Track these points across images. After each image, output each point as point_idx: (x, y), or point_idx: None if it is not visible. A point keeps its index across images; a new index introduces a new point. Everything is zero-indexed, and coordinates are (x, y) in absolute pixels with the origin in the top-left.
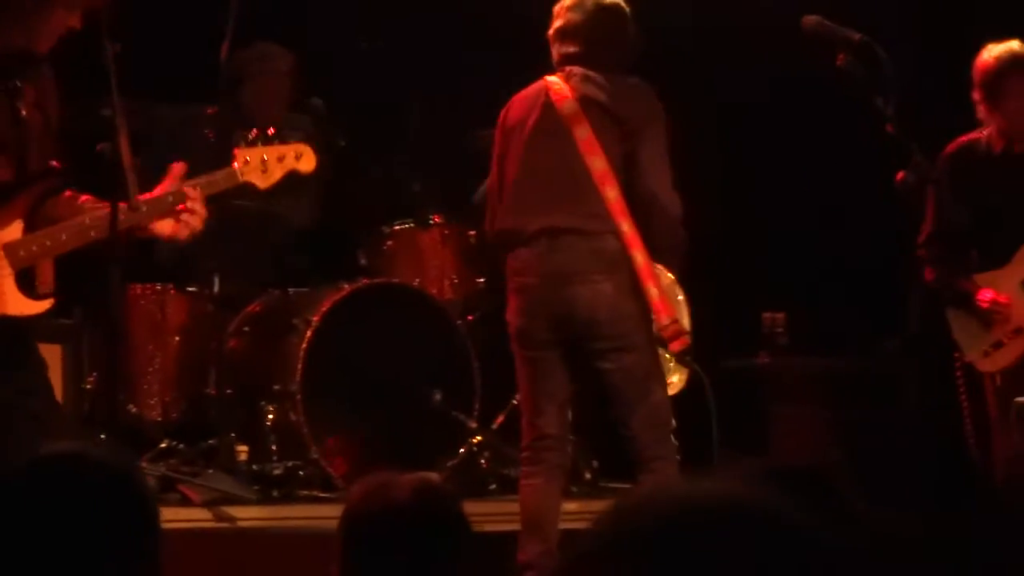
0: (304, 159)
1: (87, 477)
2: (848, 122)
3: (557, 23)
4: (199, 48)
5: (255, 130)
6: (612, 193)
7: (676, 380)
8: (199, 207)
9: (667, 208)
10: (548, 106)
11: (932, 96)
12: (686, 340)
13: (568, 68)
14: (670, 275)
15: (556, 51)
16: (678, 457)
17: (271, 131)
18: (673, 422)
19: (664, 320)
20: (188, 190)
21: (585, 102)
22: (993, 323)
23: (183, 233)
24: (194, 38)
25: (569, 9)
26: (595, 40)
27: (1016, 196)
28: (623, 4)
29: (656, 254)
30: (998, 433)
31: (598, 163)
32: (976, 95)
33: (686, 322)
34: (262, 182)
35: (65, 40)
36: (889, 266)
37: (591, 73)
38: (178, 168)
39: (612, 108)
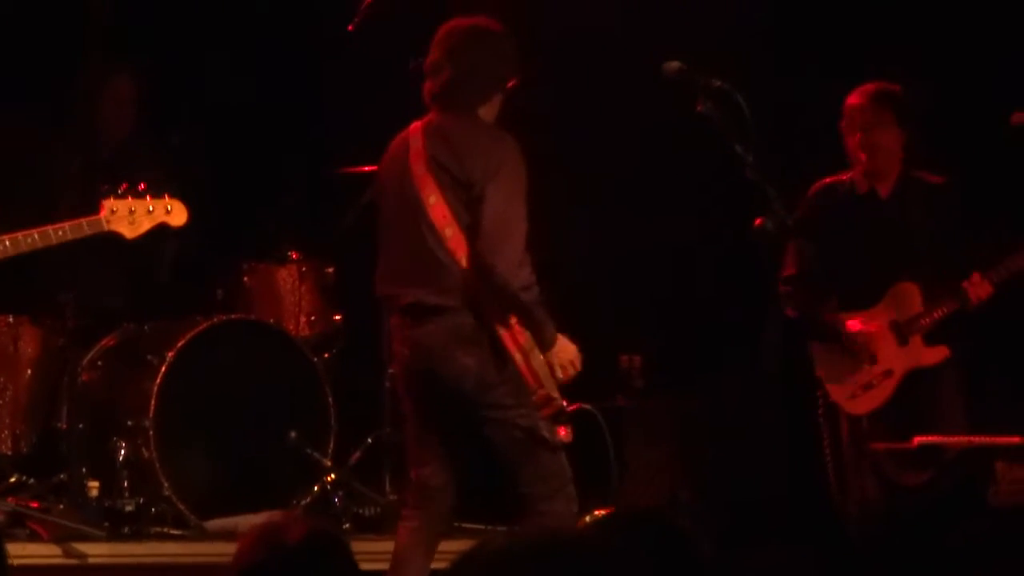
0: (175, 213)
1: None
2: (706, 167)
3: (430, 57)
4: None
5: (125, 183)
6: (466, 263)
7: (564, 433)
8: None
9: (504, 282)
10: (406, 168)
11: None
12: (556, 406)
13: (429, 115)
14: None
15: (426, 86)
16: (575, 510)
17: (142, 186)
18: (568, 472)
19: (532, 387)
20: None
21: (433, 165)
22: (860, 358)
23: None
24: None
25: (438, 42)
26: (457, 75)
27: (880, 238)
28: (494, 28)
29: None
30: (852, 475)
31: (450, 232)
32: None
33: (551, 384)
34: (129, 232)
35: None
36: (744, 309)
37: (445, 124)
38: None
39: (457, 172)
